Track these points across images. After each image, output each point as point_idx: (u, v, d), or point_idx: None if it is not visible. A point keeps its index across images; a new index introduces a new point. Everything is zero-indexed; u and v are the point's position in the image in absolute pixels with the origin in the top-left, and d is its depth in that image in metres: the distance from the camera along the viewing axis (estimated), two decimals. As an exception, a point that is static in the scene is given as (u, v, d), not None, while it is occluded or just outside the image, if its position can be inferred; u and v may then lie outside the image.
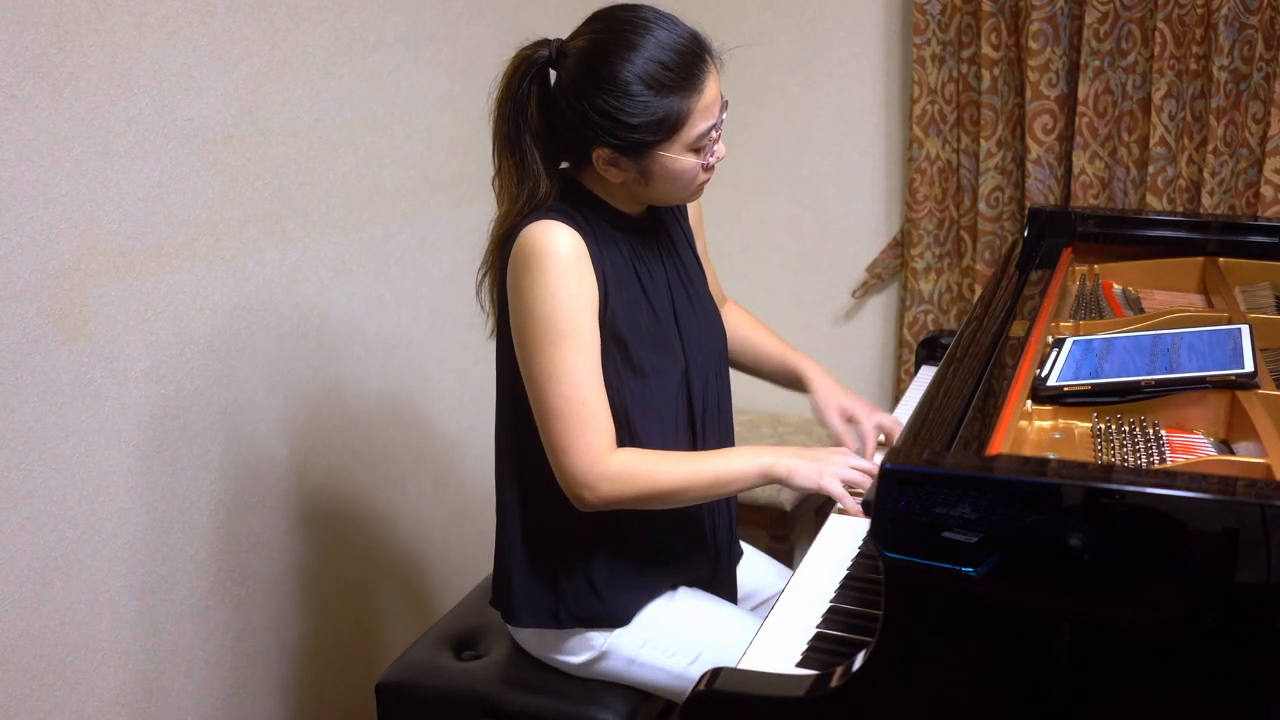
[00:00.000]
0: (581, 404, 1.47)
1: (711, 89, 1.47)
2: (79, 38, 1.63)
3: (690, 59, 1.45)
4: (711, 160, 1.51)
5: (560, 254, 1.46)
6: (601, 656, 1.65)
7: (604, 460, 1.48)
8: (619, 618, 1.63)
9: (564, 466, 1.49)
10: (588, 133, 1.46)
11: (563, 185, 1.55)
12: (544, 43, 1.51)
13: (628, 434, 1.56)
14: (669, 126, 1.45)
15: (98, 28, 1.65)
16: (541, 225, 1.47)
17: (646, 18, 1.47)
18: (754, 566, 1.86)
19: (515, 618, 1.66)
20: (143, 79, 1.73)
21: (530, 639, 1.70)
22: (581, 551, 1.61)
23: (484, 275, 1.61)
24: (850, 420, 1.79)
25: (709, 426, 1.68)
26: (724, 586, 1.76)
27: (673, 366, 1.60)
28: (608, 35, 1.46)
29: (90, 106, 1.65)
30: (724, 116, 1.51)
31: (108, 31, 1.67)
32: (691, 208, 1.77)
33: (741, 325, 1.93)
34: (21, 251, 1.59)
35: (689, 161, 1.49)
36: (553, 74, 1.51)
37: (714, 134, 1.50)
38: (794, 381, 1.89)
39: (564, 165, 1.58)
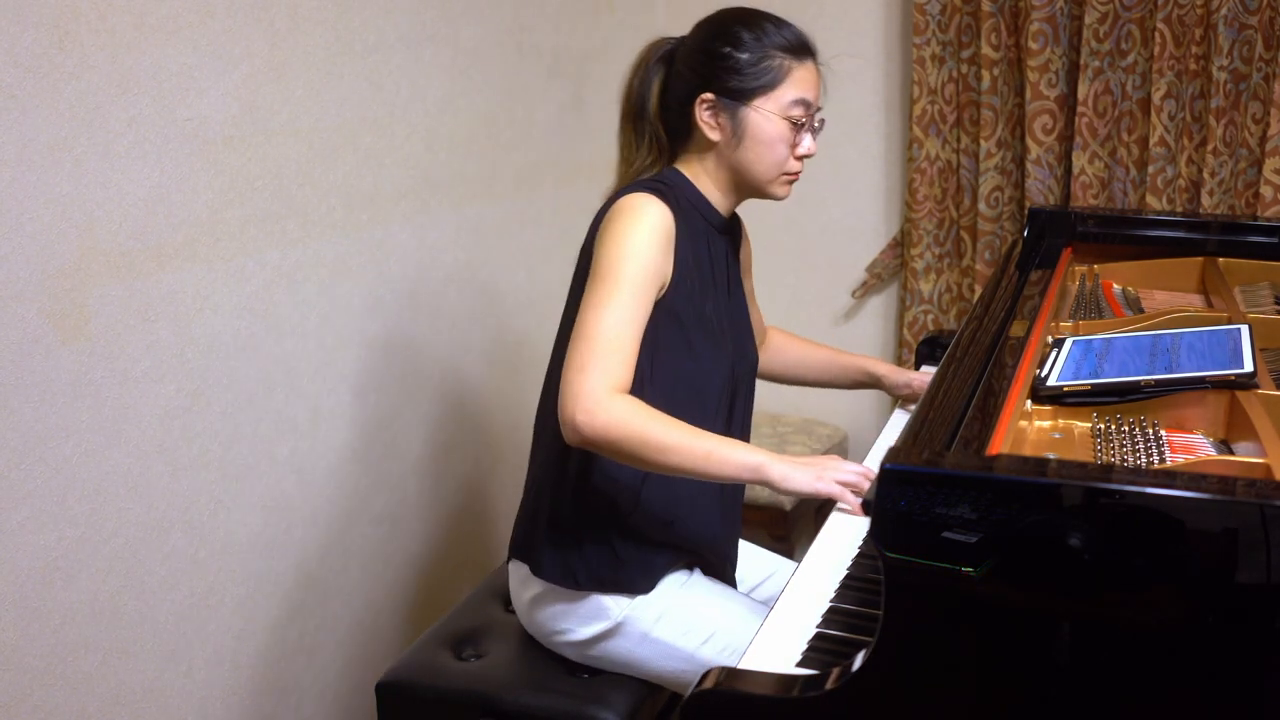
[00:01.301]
0: (615, 339, 1.52)
1: (813, 72, 1.65)
2: (79, 38, 1.63)
3: (799, 39, 1.65)
4: (801, 149, 1.65)
5: (651, 222, 1.56)
6: (615, 630, 1.65)
7: (610, 393, 1.50)
8: (638, 584, 1.66)
9: (572, 383, 1.51)
10: (696, 80, 1.62)
11: (669, 175, 1.67)
12: (669, 37, 1.72)
13: (668, 408, 1.59)
14: (770, 79, 1.61)
15: (98, 28, 1.65)
16: (645, 195, 1.59)
17: (764, 11, 1.67)
18: (749, 559, 1.88)
19: (540, 569, 1.68)
20: (143, 79, 1.73)
21: (543, 615, 1.70)
22: (606, 517, 1.65)
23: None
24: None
25: (733, 431, 1.75)
26: (730, 578, 1.80)
27: (721, 361, 1.68)
28: (729, 10, 1.67)
29: (90, 106, 1.65)
30: (819, 123, 1.67)
31: (108, 31, 1.67)
32: (747, 251, 1.92)
33: (791, 344, 2.11)
34: (21, 251, 1.59)
35: (781, 127, 1.62)
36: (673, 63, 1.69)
37: (807, 117, 1.64)
38: (863, 380, 2.08)
39: (668, 167, 1.71)
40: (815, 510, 2.84)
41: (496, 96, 2.54)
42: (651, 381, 1.62)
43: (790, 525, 2.75)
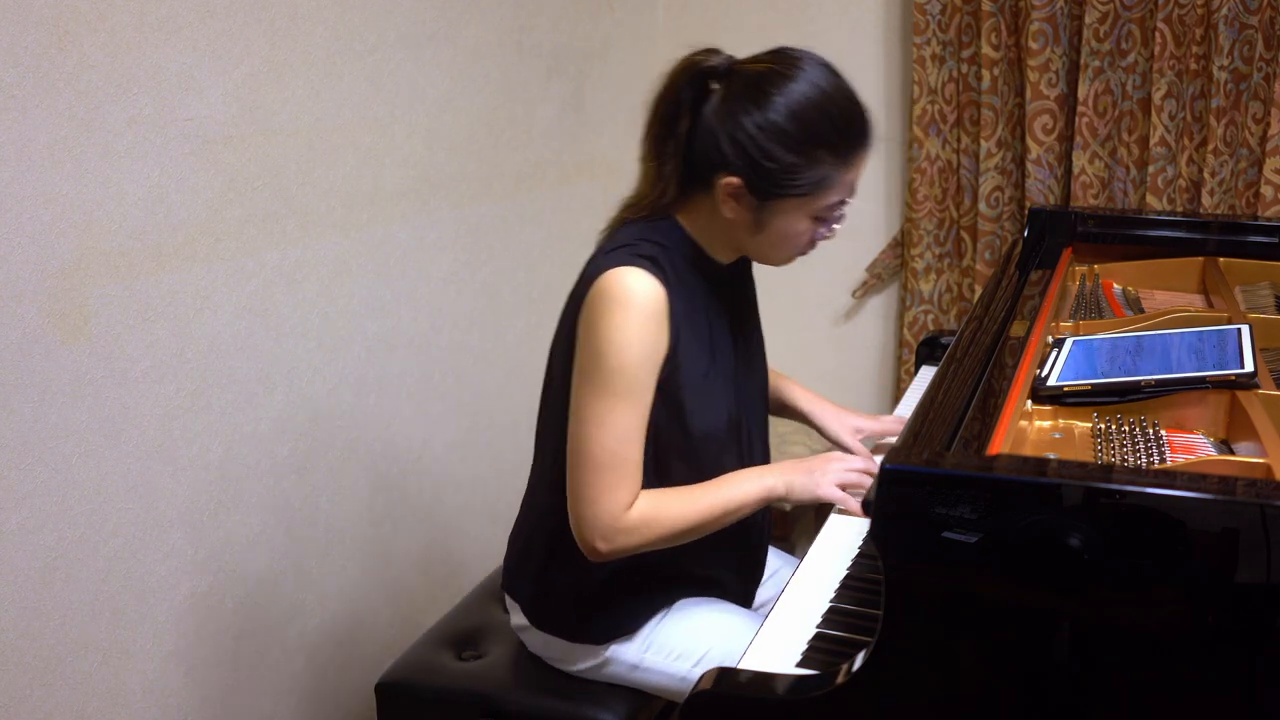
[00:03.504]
0: (624, 460, 1.44)
1: (860, 169, 1.45)
2: (79, 38, 1.63)
3: (857, 129, 1.43)
4: (820, 235, 1.49)
5: (641, 306, 1.42)
6: (604, 663, 1.65)
7: (624, 514, 1.46)
8: (625, 629, 1.64)
9: (585, 516, 1.46)
10: (727, 155, 1.41)
11: (665, 232, 1.51)
12: (715, 51, 1.46)
13: (669, 482, 1.55)
14: (811, 188, 1.42)
15: (98, 28, 1.65)
16: (630, 272, 1.42)
17: (832, 72, 1.44)
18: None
19: (532, 619, 1.67)
20: (143, 79, 1.73)
21: (535, 640, 1.70)
22: (599, 574, 1.59)
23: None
24: (860, 434, 1.84)
25: (753, 461, 1.67)
26: (748, 601, 1.76)
27: (723, 421, 1.58)
28: (787, 69, 1.42)
29: (90, 106, 1.65)
30: (852, 200, 1.49)
31: (108, 31, 1.67)
32: None
33: None
34: (21, 251, 1.59)
35: (804, 227, 1.46)
36: (713, 88, 1.45)
37: (838, 211, 1.47)
38: (789, 412, 1.90)
39: (665, 219, 1.52)
40: (815, 510, 2.84)
41: (496, 96, 2.54)
42: (651, 459, 1.53)
43: (790, 525, 2.75)
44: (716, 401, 1.57)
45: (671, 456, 1.55)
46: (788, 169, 1.40)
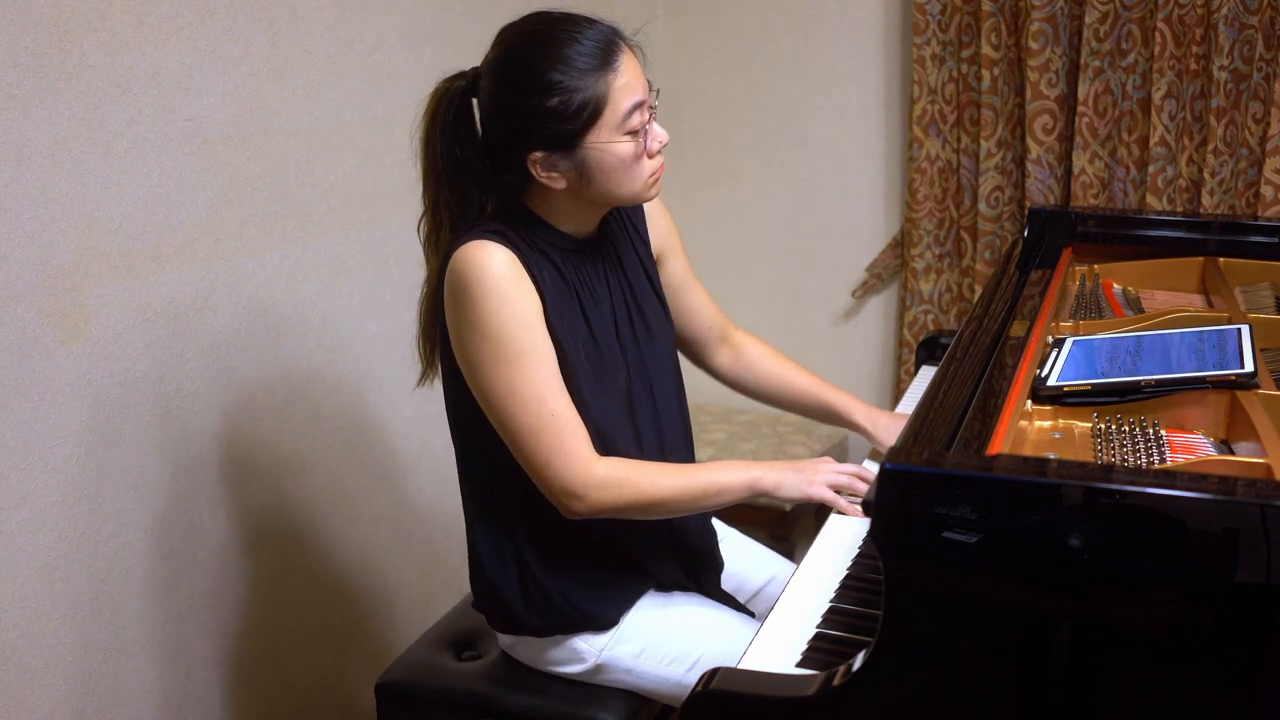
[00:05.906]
0: (551, 416, 1.45)
1: (629, 68, 1.46)
2: (79, 38, 1.63)
3: (601, 44, 1.45)
4: (653, 145, 1.49)
5: (496, 271, 1.44)
6: (598, 669, 1.64)
7: (590, 468, 1.47)
8: (599, 621, 1.62)
9: (549, 480, 1.47)
10: (518, 141, 1.46)
11: (503, 207, 1.54)
12: (460, 74, 1.52)
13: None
14: (592, 109, 1.43)
15: (98, 28, 1.65)
16: (473, 246, 1.45)
17: (552, 17, 1.48)
18: (750, 557, 1.86)
19: (500, 625, 1.67)
20: (143, 79, 1.73)
21: (523, 651, 1.69)
22: (544, 562, 1.60)
23: (425, 316, 1.60)
24: None
25: (666, 448, 1.65)
26: (710, 593, 1.72)
27: (615, 392, 1.57)
28: (516, 40, 1.48)
29: (90, 106, 1.66)
30: (656, 102, 1.50)
31: (108, 31, 1.67)
32: (662, 227, 1.72)
33: (770, 361, 1.87)
34: (21, 251, 1.59)
35: (625, 147, 1.46)
36: (476, 105, 1.52)
37: (645, 114, 1.47)
38: (837, 421, 1.86)
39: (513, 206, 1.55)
40: (815, 510, 2.84)
41: (496, 96, 2.53)
42: None
43: (790, 525, 2.75)
44: (607, 374, 1.56)
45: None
46: (568, 111, 1.43)
